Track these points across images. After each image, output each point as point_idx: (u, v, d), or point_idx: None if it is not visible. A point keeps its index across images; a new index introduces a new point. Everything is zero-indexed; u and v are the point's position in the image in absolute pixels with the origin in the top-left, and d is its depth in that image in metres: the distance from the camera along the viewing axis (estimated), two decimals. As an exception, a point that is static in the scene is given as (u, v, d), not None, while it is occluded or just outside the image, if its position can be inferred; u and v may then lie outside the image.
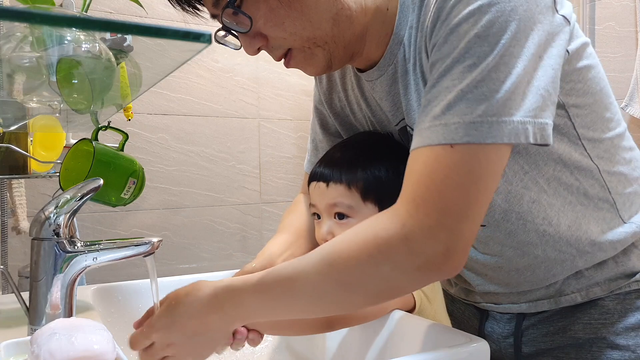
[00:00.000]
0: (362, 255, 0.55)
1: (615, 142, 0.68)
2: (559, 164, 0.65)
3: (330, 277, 0.57)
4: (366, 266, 0.55)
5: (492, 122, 0.52)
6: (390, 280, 0.55)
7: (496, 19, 0.53)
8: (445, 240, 0.53)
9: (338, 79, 0.80)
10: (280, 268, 0.60)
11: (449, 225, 0.53)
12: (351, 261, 0.55)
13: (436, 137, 0.54)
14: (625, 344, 0.68)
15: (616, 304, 0.69)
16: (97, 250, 0.67)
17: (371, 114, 0.76)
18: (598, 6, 1.91)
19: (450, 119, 0.53)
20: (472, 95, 0.53)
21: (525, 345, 0.75)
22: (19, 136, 1.12)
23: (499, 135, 0.53)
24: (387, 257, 0.54)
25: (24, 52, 0.66)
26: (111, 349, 0.51)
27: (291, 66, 0.67)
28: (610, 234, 0.68)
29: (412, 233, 0.53)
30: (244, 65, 2.13)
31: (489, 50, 0.53)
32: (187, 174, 2.05)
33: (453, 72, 0.54)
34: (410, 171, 0.56)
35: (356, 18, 0.63)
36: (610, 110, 0.68)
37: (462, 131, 0.53)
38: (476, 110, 0.53)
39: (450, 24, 0.55)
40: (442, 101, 0.54)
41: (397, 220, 0.54)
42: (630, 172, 0.70)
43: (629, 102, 1.78)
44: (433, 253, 0.53)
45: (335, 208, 0.74)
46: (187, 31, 0.41)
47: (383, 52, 0.67)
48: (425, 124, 0.56)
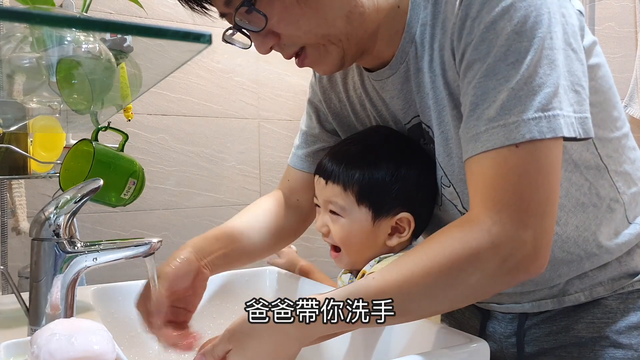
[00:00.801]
0: (453, 268, 0.54)
1: (622, 142, 0.69)
2: (570, 164, 0.65)
3: (416, 295, 0.55)
4: (456, 279, 0.54)
5: (549, 116, 0.53)
6: (478, 287, 0.56)
7: (529, 14, 0.54)
8: (533, 240, 0.53)
9: (339, 79, 0.80)
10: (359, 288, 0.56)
11: (533, 224, 0.53)
12: (440, 277, 0.54)
13: (498, 139, 0.54)
14: (628, 343, 0.68)
15: (619, 304, 0.70)
16: (97, 251, 0.67)
17: (377, 114, 0.76)
18: (598, 7, 1.91)
19: (508, 118, 0.54)
20: (523, 92, 0.53)
21: (528, 345, 0.75)
22: (19, 137, 1.12)
23: (558, 128, 0.53)
24: (477, 267, 0.54)
25: (24, 52, 0.66)
26: (111, 350, 0.51)
27: (305, 65, 0.66)
28: (618, 238, 0.68)
29: (499, 239, 0.53)
30: (244, 66, 2.13)
31: (529, 45, 0.54)
32: (187, 175, 2.05)
33: (497, 72, 0.55)
34: (479, 177, 0.56)
35: (369, 15, 0.63)
36: (617, 109, 0.68)
37: (523, 129, 0.53)
38: (531, 107, 0.53)
39: (484, 22, 0.55)
40: (494, 102, 0.54)
41: (482, 228, 0.54)
42: (634, 171, 0.70)
43: (629, 103, 1.78)
44: (523, 255, 0.53)
45: (330, 205, 0.75)
46: (187, 32, 0.41)
47: (393, 50, 0.67)
48: (481, 127, 0.55)
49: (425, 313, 0.59)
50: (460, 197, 0.68)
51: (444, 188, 0.70)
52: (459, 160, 0.65)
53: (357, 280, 0.72)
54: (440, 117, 0.64)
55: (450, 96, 0.62)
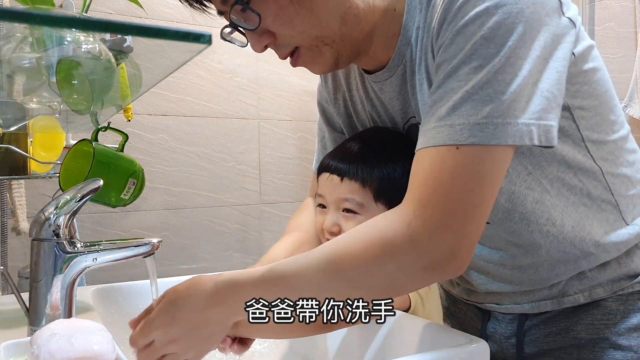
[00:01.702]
0: (367, 255, 0.55)
1: (619, 145, 0.69)
2: (563, 165, 0.65)
3: (334, 275, 0.57)
4: (371, 265, 0.55)
5: (497, 123, 0.53)
6: (394, 279, 0.56)
7: (503, 21, 0.53)
8: (451, 241, 0.53)
9: (343, 79, 0.80)
10: (283, 264, 0.60)
11: (455, 227, 0.53)
12: (356, 260, 0.55)
13: (441, 137, 0.54)
14: (627, 345, 0.68)
15: (619, 305, 0.70)
16: (97, 251, 0.67)
17: (376, 115, 0.76)
18: (598, 7, 1.91)
19: (455, 119, 0.54)
20: (477, 97, 0.53)
21: (528, 346, 0.75)
22: (18, 137, 1.12)
23: (504, 136, 0.53)
24: (392, 256, 0.54)
25: (24, 52, 0.66)
26: (111, 350, 0.51)
27: (298, 65, 0.67)
28: (613, 235, 0.68)
29: (417, 234, 0.54)
30: (244, 66, 2.13)
31: (495, 52, 0.53)
32: (187, 175, 2.05)
33: (459, 74, 0.55)
34: (416, 171, 0.57)
35: (364, 17, 0.64)
36: (615, 112, 0.68)
37: (467, 132, 0.53)
38: (481, 112, 0.53)
39: (457, 25, 0.56)
40: (448, 102, 0.55)
41: (403, 220, 0.55)
42: (633, 174, 0.70)
43: (629, 103, 1.78)
44: (438, 253, 0.54)
45: (345, 203, 0.75)
46: (187, 32, 0.41)
47: (390, 52, 0.67)
48: (431, 124, 0.56)
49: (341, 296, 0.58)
50: None
51: None
52: None
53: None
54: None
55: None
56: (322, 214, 0.78)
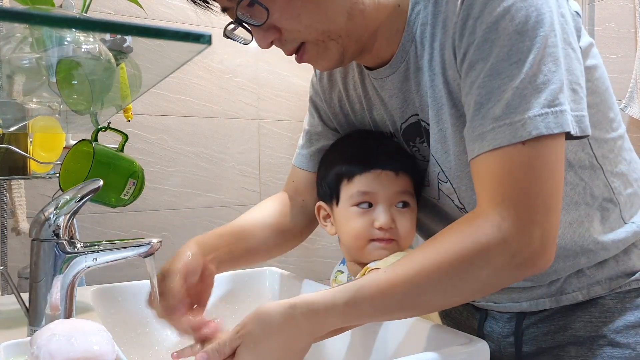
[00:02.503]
0: (464, 263, 0.55)
1: (619, 143, 0.69)
2: (565, 163, 0.65)
3: (427, 288, 0.57)
4: (467, 272, 0.56)
5: (555, 112, 0.54)
6: (488, 281, 0.57)
7: (531, 13, 0.55)
8: (540, 236, 0.54)
9: (339, 78, 0.80)
10: (370, 283, 0.57)
11: (541, 221, 0.54)
12: (452, 269, 0.56)
13: (505, 137, 0.55)
14: (625, 342, 0.68)
15: (616, 303, 0.70)
16: (96, 251, 0.67)
17: (375, 113, 0.76)
18: (597, 7, 1.91)
19: (514, 117, 0.54)
20: (528, 91, 0.54)
21: (526, 344, 0.75)
22: (18, 137, 1.12)
23: (565, 123, 0.54)
24: (487, 262, 0.55)
25: (23, 53, 0.66)
26: (111, 350, 0.51)
27: (304, 61, 0.66)
28: (612, 234, 0.69)
29: (509, 235, 0.54)
30: (244, 66, 2.13)
31: (531, 44, 0.55)
32: (187, 175, 2.05)
33: (501, 71, 0.55)
34: (488, 174, 0.57)
35: (369, 13, 0.64)
36: (614, 110, 0.69)
37: (529, 126, 0.54)
38: (537, 104, 0.54)
39: (486, 22, 0.56)
40: (499, 101, 0.55)
41: (492, 224, 0.55)
42: (630, 172, 0.70)
43: (629, 103, 1.78)
44: (531, 250, 0.55)
45: (402, 196, 0.75)
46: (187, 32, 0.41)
47: (393, 49, 0.67)
48: (487, 126, 0.56)
49: (435, 307, 0.61)
50: (457, 192, 0.69)
51: (441, 184, 0.70)
52: (455, 157, 0.65)
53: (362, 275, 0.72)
54: (439, 115, 0.65)
55: (449, 94, 0.63)
56: (366, 214, 0.75)
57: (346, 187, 0.77)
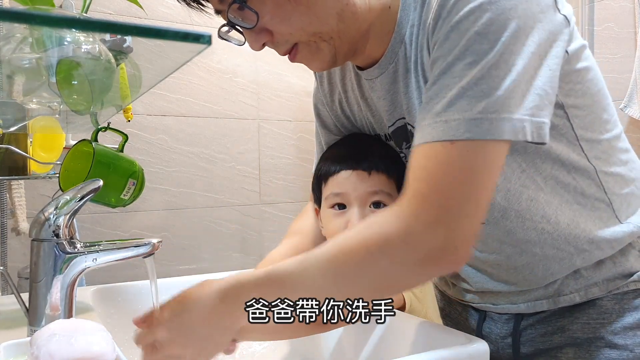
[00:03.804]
0: (362, 251, 0.55)
1: (612, 144, 0.69)
2: (557, 163, 0.65)
3: (333, 274, 0.57)
4: (366, 261, 0.55)
5: (492, 118, 0.53)
6: (389, 274, 0.56)
7: (496, 17, 0.54)
8: (444, 235, 0.53)
9: (338, 80, 0.81)
10: (285, 264, 0.59)
11: (448, 221, 0.53)
12: (353, 257, 0.55)
13: (437, 133, 0.55)
14: (623, 344, 0.68)
15: (614, 304, 0.70)
16: (96, 251, 0.67)
17: (370, 115, 0.77)
18: (597, 7, 1.92)
19: (451, 115, 0.54)
20: (472, 92, 0.54)
21: (524, 346, 0.75)
22: (18, 137, 1.12)
23: (499, 132, 0.53)
24: (385, 251, 0.55)
25: (23, 53, 0.66)
26: (111, 350, 0.51)
27: (296, 61, 0.67)
28: (607, 233, 0.69)
29: (411, 228, 0.54)
30: (244, 67, 2.13)
31: (489, 47, 0.54)
32: (187, 175, 2.05)
33: (454, 70, 0.55)
34: (412, 167, 0.57)
35: (361, 15, 0.64)
36: (608, 111, 0.68)
37: (462, 127, 0.53)
38: (476, 107, 0.53)
39: (451, 22, 0.56)
40: (443, 98, 0.55)
41: (398, 215, 0.55)
42: (627, 172, 0.70)
43: (628, 103, 1.78)
44: (432, 248, 0.54)
45: (375, 196, 0.74)
46: (187, 32, 0.41)
47: (384, 50, 0.68)
48: (426, 120, 0.56)
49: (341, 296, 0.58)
50: None
51: None
52: None
53: None
54: None
55: None
56: (340, 216, 0.76)
57: (324, 189, 0.78)
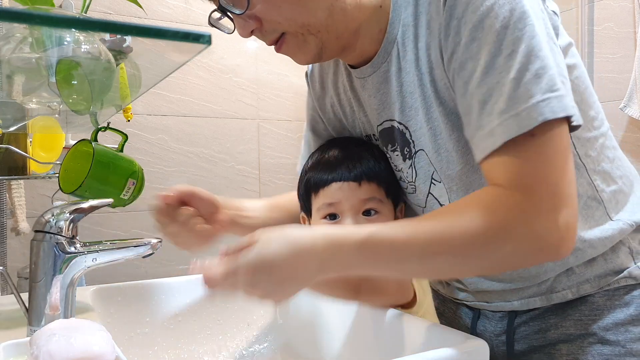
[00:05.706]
0: (486, 233, 0.54)
1: (601, 141, 0.70)
2: None
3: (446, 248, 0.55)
4: (488, 244, 0.55)
5: (558, 96, 0.54)
6: (508, 259, 0.56)
7: (514, 7, 0.56)
8: (565, 223, 0.54)
9: (330, 83, 0.81)
10: (388, 229, 0.57)
11: (564, 208, 0.54)
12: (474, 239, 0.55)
13: (513, 129, 0.54)
14: (615, 339, 0.69)
15: (605, 300, 0.70)
16: (96, 251, 0.67)
17: (363, 115, 0.77)
18: (597, 7, 1.92)
19: (518, 107, 0.54)
20: (527, 79, 0.54)
21: (518, 343, 0.75)
22: (18, 137, 1.12)
23: (567, 106, 0.55)
24: (510, 238, 0.54)
25: (23, 53, 0.66)
26: (110, 350, 0.51)
27: (282, 51, 0.67)
28: (599, 231, 0.69)
29: (534, 217, 0.54)
30: (243, 66, 2.13)
31: (520, 34, 0.55)
32: (187, 175, 2.05)
33: (496, 66, 0.56)
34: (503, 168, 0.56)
35: (350, 12, 0.64)
36: (594, 109, 0.69)
37: (534, 113, 0.54)
38: (539, 90, 0.54)
39: (471, 21, 0.57)
40: (501, 95, 0.55)
41: (517, 203, 0.54)
42: (613, 170, 0.71)
43: (628, 103, 1.78)
44: (554, 236, 0.54)
45: (367, 204, 0.75)
46: (187, 32, 0.41)
47: (376, 48, 0.68)
48: (495, 122, 0.56)
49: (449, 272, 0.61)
50: (448, 193, 0.69)
51: (434, 184, 0.70)
52: (447, 155, 0.66)
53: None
54: (429, 114, 0.66)
55: (436, 93, 0.64)
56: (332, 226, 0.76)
57: (314, 200, 0.78)
